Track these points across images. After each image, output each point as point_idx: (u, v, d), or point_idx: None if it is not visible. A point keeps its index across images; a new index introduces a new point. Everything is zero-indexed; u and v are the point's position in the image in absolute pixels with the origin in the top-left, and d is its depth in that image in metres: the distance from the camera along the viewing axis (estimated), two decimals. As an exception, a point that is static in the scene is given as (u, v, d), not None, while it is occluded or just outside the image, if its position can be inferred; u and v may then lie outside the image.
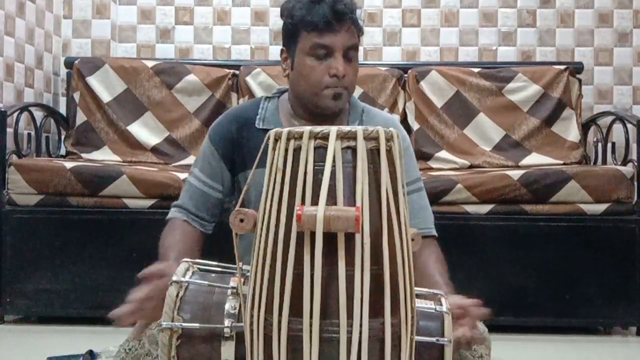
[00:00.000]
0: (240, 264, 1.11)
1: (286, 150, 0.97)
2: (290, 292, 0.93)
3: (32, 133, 3.10)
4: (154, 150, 3.20)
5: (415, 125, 3.25)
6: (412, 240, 1.04)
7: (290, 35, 1.63)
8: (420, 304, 1.16)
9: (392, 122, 1.76)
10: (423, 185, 1.74)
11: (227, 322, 1.10)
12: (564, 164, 3.09)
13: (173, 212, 1.73)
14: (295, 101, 1.69)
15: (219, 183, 1.71)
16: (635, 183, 2.70)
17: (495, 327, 1.60)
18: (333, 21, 1.56)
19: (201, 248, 1.68)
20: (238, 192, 1.71)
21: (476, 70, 3.34)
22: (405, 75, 3.34)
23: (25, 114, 3.02)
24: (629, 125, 2.98)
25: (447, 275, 1.57)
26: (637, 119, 2.87)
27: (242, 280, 1.09)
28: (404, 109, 3.30)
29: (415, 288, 1.07)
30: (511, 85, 3.28)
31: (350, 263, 0.92)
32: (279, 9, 1.70)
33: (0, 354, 2.31)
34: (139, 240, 2.61)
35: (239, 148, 1.69)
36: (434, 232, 1.71)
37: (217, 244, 1.66)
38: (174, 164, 3.13)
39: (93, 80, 3.26)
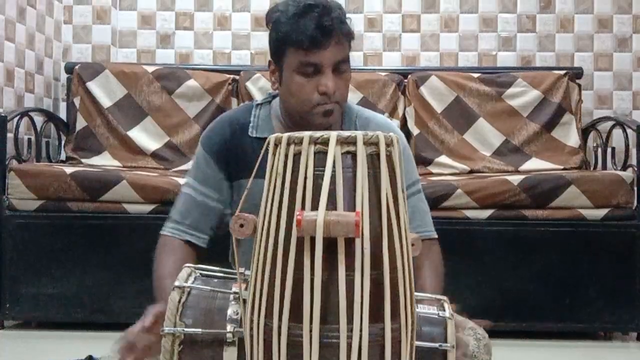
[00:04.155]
0: (242, 269, 1.11)
1: (286, 156, 0.98)
2: (290, 297, 0.93)
3: (32, 138, 3.10)
4: (154, 155, 3.21)
5: (415, 131, 3.25)
6: (412, 245, 1.04)
7: (276, 49, 1.57)
8: (422, 309, 1.15)
9: (386, 126, 1.70)
10: (422, 187, 1.72)
11: (229, 328, 1.10)
12: (564, 169, 3.09)
13: (168, 229, 1.66)
14: (286, 114, 1.64)
15: (216, 191, 1.65)
16: (635, 188, 2.70)
17: (495, 333, 1.60)
18: (320, 38, 1.48)
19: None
20: (235, 200, 1.66)
21: (476, 75, 3.34)
22: (405, 80, 3.34)
23: (25, 119, 3.03)
24: (628, 131, 2.98)
25: (440, 284, 1.56)
26: (637, 124, 2.87)
27: (244, 285, 1.09)
28: (403, 114, 3.30)
29: (418, 293, 1.07)
30: (511, 90, 3.28)
31: (350, 268, 0.93)
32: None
33: (1, 359, 2.31)
34: (138, 245, 2.61)
35: (234, 155, 1.64)
36: (435, 235, 1.69)
37: (215, 254, 1.66)
38: (173, 169, 3.13)
39: (93, 86, 3.26)
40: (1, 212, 2.67)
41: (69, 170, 2.70)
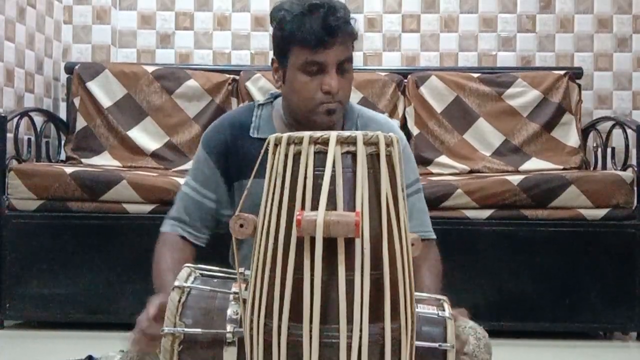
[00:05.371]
0: (242, 269, 1.11)
1: (286, 155, 0.98)
2: (290, 297, 0.93)
3: (32, 138, 3.10)
4: (154, 155, 3.21)
5: (415, 131, 3.25)
6: (412, 245, 1.04)
7: (280, 47, 1.58)
8: (422, 309, 1.15)
9: (387, 126, 1.71)
10: (422, 187, 1.72)
11: (229, 328, 1.10)
12: (564, 169, 3.09)
13: (166, 226, 1.68)
14: (288, 112, 1.65)
15: (213, 192, 1.66)
16: (635, 188, 2.70)
17: (495, 332, 1.60)
18: (325, 37, 1.48)
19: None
20: (234, 201, 1.66)
21: (476, 75, 3.34)
22: (405, 80, 3.34)
23: (25, 119, 3.02)
24: (628, 131, 2.98)
25: (438, 285, 1.56)
26: (637, 124, 2.87)
27: (244, 285, 1.09)
28: (403, 114, 3.30)
29: (417, 293, 1.07)
30: (511, 90, 3.28)
31: (350, 268, 0.92)
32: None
33: (0, 359, 2.31)
34: (138, 245, 2.60)
35: (235, 156, 1.64)
36: (433, 235, 1.70)
37: (216, 254, 1.66)
38: (173, 169, 3.13)
39: (93, 86, 3.26)
40: (1, 212, 2.67)
41: (68, 170, 2.70)
